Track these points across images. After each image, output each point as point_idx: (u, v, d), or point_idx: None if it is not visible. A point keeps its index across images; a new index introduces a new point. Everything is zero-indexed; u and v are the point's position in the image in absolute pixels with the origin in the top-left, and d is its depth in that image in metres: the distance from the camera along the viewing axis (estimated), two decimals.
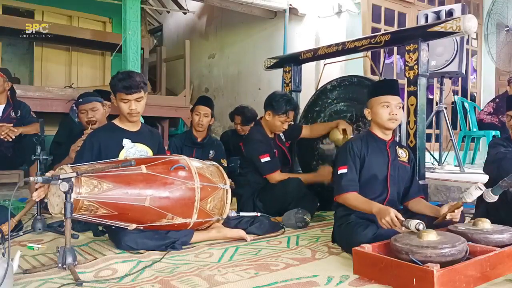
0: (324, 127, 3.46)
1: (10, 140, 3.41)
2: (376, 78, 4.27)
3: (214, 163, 2.68)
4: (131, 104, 2.41)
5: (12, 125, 3.51)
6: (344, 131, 3.27)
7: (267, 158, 3.13)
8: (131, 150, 2.48)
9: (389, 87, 2.38)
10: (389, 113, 2.29)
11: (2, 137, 3.36)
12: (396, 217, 1.95)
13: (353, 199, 2.22)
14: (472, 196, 2.00)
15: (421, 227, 1.85)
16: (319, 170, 3.21)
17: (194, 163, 2.43)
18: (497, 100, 5.58)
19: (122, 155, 2.44)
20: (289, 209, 2.91)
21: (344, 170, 2.27)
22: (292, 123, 3.77)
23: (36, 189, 2.04)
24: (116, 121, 2.56)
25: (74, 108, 3.40)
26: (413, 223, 1.87)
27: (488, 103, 5.69)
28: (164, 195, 2.20)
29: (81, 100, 3.33)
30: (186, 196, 2.27)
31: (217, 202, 2.42)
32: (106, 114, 3.38)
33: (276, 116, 3.19)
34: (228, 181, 2.50)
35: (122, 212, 2.11)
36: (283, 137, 3.43)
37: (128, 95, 2.39)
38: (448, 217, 2.09)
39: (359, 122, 3.32)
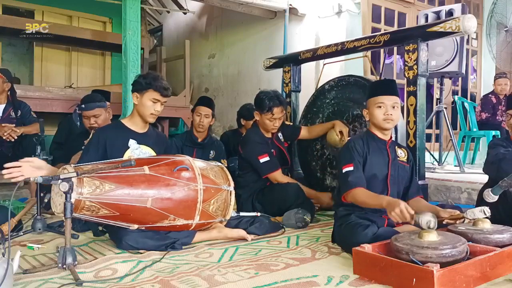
0: (321, 128, 3.46)
1: (13, 140, 3.42)
2: (374, 78, 4.27)
3: (219, 163, 2.67)
4: (158, 106, 2.49)
5: (14, 125, 3.53)
6: (341, 133, 3.27)
7: (266, 158, 3.12)
8: (136, 151, 2.49)
9: (384, 87, 2.37)
10: (383, 113, 2.28)
11: (4, 137, 3.37)
12: (407, 210, 1.92)
13: (362, 194, 2.19)
14: (475, 216, 2.01)
15: (432, 225, 1.81)
16: (322, 195, 3.27)
17: (198, 164, 2.43)
18: (482, 98, 5.74)
19: (126, 156, 2.45)
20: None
21: (350, 168, 2.25)
22: (291, 123, 3.78)
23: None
24: (124, 121, 2.58)
25: (78, 111, 3.41)
26: (425, 220, 1.81)
27: (477, 106, 5.76)
28: (166, 197, 2.20)
29: (83, 106, 3.33)
30: (189, 198, 2.27)
31: (220, 204, 2.41)
32: (109, 117, 3.37)
33: (262, 115, 3.20)
34: (232, 182, 2.50)
35: (123, 213, 2.11)
36: (281, 137, 3.43)
37: (163, 96, 2.49)
38: (444, 222, 2.10)
39: (355, 123, 3.32)
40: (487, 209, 1.97)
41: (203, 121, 3.50)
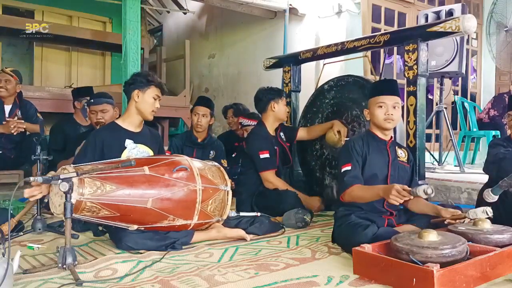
0: (320, 129, 3.47)
1: (22, 130, 3.42)
2: (373, 78, 4.27)
3: (215, 163, 2.67)
4: (157, 103, 2.57)
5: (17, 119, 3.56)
6: (339, 133, 3.28)
7: (266, 155, 3.16)
8: (133, 151, 2.49)
9: (385, 87, 2.38)
10: (384, 113, 2.29)
11: (13, 131, 3.37)
12: (402, 188, 1.96)
13: (358, 190, 2.20)
14: (477, 216, 2.03)
15: (429, 191, 1.85)
16: (312, 200, 3.26)
17: (196, 164, 2.43)
18: (496, 95, 5.68)
19: (124, 156, 2.45)
20: None
21: (348, 168, 2.26)
22: (290, 125, 3.81)
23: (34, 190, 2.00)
24: (119, 121, 2.57)
25: (86, 107, 3.41)
26: (421, 189, 1.87)
27: (487, 103, 5.73)
28: (166, 197, 2.20)
29: (92, 100, 3.34)
30: (188, 198, 2.27)
31: (218, 204, 2.42)
32: (115, 116, 3.37)
33: (280, 102, 3.33)
34: (229, 182, 2.50)
35: (124, 214, 2.11)
36: (283, 137, 3.44)
37: (162, 93, 2.59)
38: (446, 222, 2.10)
39: (354, 123, 3.32)
40: (489, 209, 1.98)
41: (201, 120, 3.49)
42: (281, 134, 3.43)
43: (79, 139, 3.20)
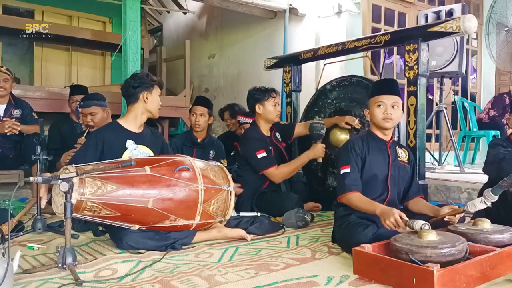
0: None
1: (17, 133, 3.42)
2: (375, 78, 4.27)
3: (219, 163, 2.67)
4: (160, 100, 2.62)
5: (14, 119, 3.55)
6: (348, 124, 3.26)
7: (263, 154, 3.13)
8: (134, 151, 2.49)
9: (384, 86, 2.38)
10: (383, 112, 2.29)
11: (7, 131, 3.37)
12: (401, 217, 1.94)
13: (356, 199, 2.21)
14: (475, 208, 2.01)
15: (426, 227, 1.83)
16: (312, 148, 3.21)
17: (198, 164, 2.43)
18: (495, 96, 5.68)
19: (125, 156, 2.45)
20: None
21: (347, 170, 2.26)
22: (285, 123, 3.80)
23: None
24: (120, 121, 2.57)
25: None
26: (419, 224, 1.85)
27: (487, 103, 5.74)
28: (168, 197, 2.20)
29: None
30: (190, 198, 2.27)
31: (220, 204, 2.42)
32: (107, 117, 3.36)
33: (266, 103, 3.25)
34: (232, 182, 2.50)
35: (125, 213, 2.12)
36: (279, 137, 3.44)
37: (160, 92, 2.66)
38: (446, 219, 2.10)
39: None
40: (487, 199, 1.97)
41: (199, 120, 3.47)
42: (277, 134, 3.41)
43: (74, 140, 3.21)
